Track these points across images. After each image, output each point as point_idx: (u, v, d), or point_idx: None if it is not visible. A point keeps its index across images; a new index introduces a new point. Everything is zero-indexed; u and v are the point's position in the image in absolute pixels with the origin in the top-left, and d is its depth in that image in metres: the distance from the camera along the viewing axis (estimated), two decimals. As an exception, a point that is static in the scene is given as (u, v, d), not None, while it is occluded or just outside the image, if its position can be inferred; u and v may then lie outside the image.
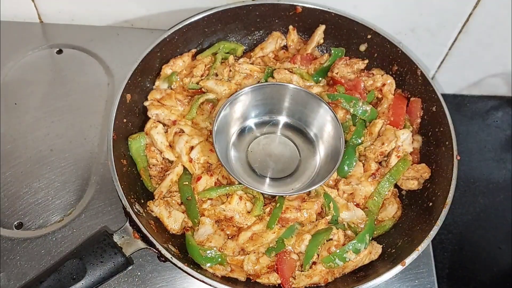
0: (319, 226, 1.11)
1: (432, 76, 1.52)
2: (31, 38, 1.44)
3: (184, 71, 1.29)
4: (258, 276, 1.07)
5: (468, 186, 1.43)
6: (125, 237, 1.02)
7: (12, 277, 1.08)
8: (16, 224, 1.15)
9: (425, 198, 1.15)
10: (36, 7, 1.44)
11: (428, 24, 1.36)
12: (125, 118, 1.17)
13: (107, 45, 1.44)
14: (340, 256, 1.07)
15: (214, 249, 1.06)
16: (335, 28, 1.34)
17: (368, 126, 1.24)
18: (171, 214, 1.10)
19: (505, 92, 1.57)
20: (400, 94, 1.29)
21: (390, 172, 1.17)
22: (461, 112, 1.56)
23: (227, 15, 1.30)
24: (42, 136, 1.28)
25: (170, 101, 1.23)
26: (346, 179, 1.18)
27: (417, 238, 1.06)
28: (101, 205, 1.19)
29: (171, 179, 1.14)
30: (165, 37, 1.24)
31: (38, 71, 1.38)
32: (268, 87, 1.21)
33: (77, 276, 0.96)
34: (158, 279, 1.11)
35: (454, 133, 1.16)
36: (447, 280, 1.30)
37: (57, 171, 1.23)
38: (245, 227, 1.11)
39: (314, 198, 1.15)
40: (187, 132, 1.19)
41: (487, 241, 1.36)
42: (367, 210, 1.15)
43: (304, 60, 1.31)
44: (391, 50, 1.29)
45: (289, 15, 1.33)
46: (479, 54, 1.43)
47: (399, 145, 1.19)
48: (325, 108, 1.19)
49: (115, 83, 1.37)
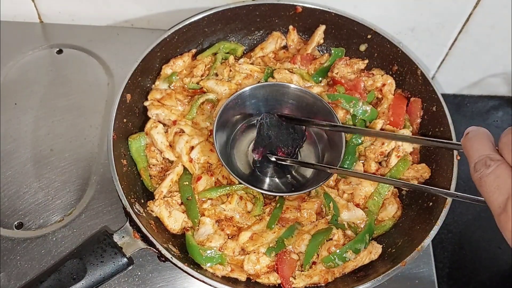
0: (319, 226, 1.11)
1: (432, 76, 1.52)
2: (31, 38, 1.44)
3: (184, 71, 1.29)
4: (258, 276, 1.07)
5: (468, 186, 1.43)
6: (125, 237, 1.02)
7: (12, 277, 1.08)
8: (16, 224, 1.15)
9: (425, 198, 1.15)
10: (36, 7, 1.44)
11: (428, 24, 1.36)
12: (125, 118, 1.17)
13: (107, 45, 1.44)
14: (340, 256, 1.07)
15: (214, 249, 1.06)
16: (335, 28, 1.34)
17: (368, 126, 1.24)
18: (171, 214, 1.10)
19: (505, 92, 1.57)
20: (400, 94, 1.29)
21: (390, 172, 1.17)
22: (461, 112, 1.56)
23: (227, 15, 1.30)
24: (42, 136, 1.28)
25: (170, 101, 1.23)
26: (346, 179, 1.18)
27: (417, 238, 1.06)
28: (101, 205, 1.19)
29: (171, 179, 1.14)
30: (165, 37, 1.24)
31: (38, 71, 1.38)
32: (268, 87, 1.21)
33: (77, 276, 0.96)
34: (158, 279, 1.11)
35: (454, 133, 1.16)
36: (447, 280, 1.30)
37: (57, 171, 1.23)
38: (245, 227, 1.11)
39: (314, 198, 1.15)
40: (187, 132, 1.19)
41: (487, 241, 1.36)
42: (367, 210, 1.15)
43: (304, 60, 1.31)
44: (391, 50, 1.29)
45: (289, 15, 1.33)
46: (479, 54, 1.43)
47: (399, 145, 1.19)
48: (326, 108, 1.19)
49: (115, 83, 1.37)
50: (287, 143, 1.17)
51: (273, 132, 1.17)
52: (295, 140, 1.18)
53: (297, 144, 1.18)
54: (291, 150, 1.17)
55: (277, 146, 1.16)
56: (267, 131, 1.16)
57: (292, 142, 1.18)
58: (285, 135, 1.18)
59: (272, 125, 1.17)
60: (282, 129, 1.18)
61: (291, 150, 1.17)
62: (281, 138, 1.17)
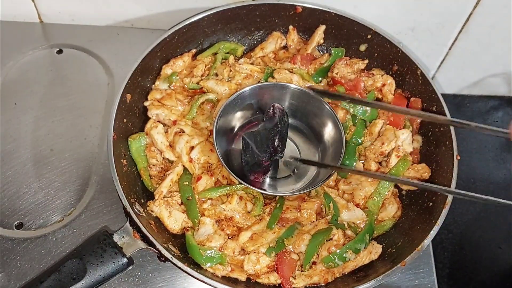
0: (319, 226, 1.11)
1: (432, 76, 1.52)
2: (31, 38, 1.44)
3: (184, 71, 1.29)
4: (258, 276, 1.07)
5: (468, 186, 1.43)
6: (125, 237, 1.02)
7: (12, 277, 1.08)
8: (16, 224, 1.15)
9: (425, 198, 1.15)
10: (36, 7, 1.44)
11: (428, 24, 1.36)
12: (125, 118, 1.17)
13: (107, 45, 1.44)
14: (340, 256, 1.07)
15: (214, 249, 1.06)
16: (335, 28, 1.34)
17: (368, 126, 1.24)
18: (172, 214, 1.10)
19: (505, 92, 1.57)
20: (400, 94, 1.29)
21: (390, 172, 1.17)
22: (461, 112, 1.56)
23: (227, 15, 1.30)
24: (42, 136, 1.28)
25: (170, 101, 1.23)
26: (346, 179, 1.18)
27: (417, 238, 1.06)
28: (101, 205, 1.19)
29: (171, 179, 1.14)
30: (165, 37, 1.24)
31: (38, 71, 1.38)
32: (268, 87, 1.21)
33: (77, 276, 0.96)
34: (158, 279, 1.11)
35: (454, 133, 1.16)
36: (447, 280, 1.30)
37: (57, 171, 1.23)
38: (245, 227, 1.11)
39: (314, 198, 1.15)
40: (188, 132, 1.19)
41: (487, 241, 1.36)
42: (367, 210, 1.15)
43: (304, 60, 1.31)
44: (391, 50, 1.29)
45: (289, 15, 1.33)
46: (479, 54, 1.43)
47: (399, 145, 1.19)
48: (326, 108, 1.19)
49: (115, 83, 1.37)
50: (263, 148, 1.09)
51: (248, 154, 1.10)
52: (271, 133, 1.10)
53: (273, 135, 1.10)
54: (272, 151, 1.10)
55: (259, 160, 1.09)
56: (244, 157, 1.11)
57: (266, 143, 1.09)
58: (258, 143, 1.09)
59: (245, 144, 1.11)
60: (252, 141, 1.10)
61: (271, 151, 1.09)
62: (254, 153, 1.09)
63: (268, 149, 1.10)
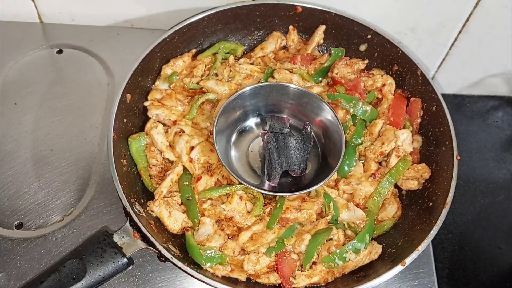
0: (319, 226, 1.11)
1: (432, 76, 1.52)
2: (31, 38, 1.44)
3: (184, 71, 1.29)
4: (258, 276, 1.07)
5: (468, 186, 1.43)
6: (125, 237, 1.02)
7: (12, 277, 1.08)
8: (16, 224, 1.15)
9: (425, 198, 1.16)
10: (36, 7, 1.44)
11: (428, 24, 1.36)
12: (125, 118, 1.17)
13: (107, 45, 1.44)
14: (340, 256, 1.07)
15: (214, 249, 1.06)
16: (335, 28, 1.34)
17: (368, 126, 1.24)
18: (171, 214, 1.10)
19: (505, 92, 1.57)
20: (400, 94, 1.29)
21: (390, 172, 1.17)
22: (461, 112, 1.56)
23: (227, 15, 1.30)
24: (42, 136, 1.28)
25: (171, 101, 1.23)
26: (346, 179, 1.18)
27: (417, 238, 1.06)
28: (101, 205, 1.19)
29: (171, 179, 1.14)
30: (165, 37, 1.24)
31: (38, 71, 1.38)
32: (268, 87, 1.21)
33: (77, 276, 0.96)
34: (158, 279, 1.11)
35: (454, 133, 1.16)
36: (447, 280, 1.30)
37: (57, 171, 1.23)
38: (245, 227, 1.11)
39: (314, 198, 1.15)
40: (188, 132, 1.19)
41: (487, 241, 1.36)
42: (367, 210, 1.15)
43: (304, 60, 1.31)
44: (391, 50, 1.29)
45: (289, 15, 1.33)
46: (479, 54, 1.43)
47: (399, 145, 1.19)
48: (326, 108, 1.19)
49: (115, 83, 1.37)
50: (299, 161, 1.14)
51: (283, 157, 1.13)
52: (306, 150, 1.16)
53: (307, 153, 1.16)
54: (304, 167, 1.15)
55: (290, 171, 1.14)
56: (278, 158, 1.13)
57: (302, 158, 1.15)
58: (294, 154, 1.15)
59: (280, 147, 1.14)
60: (290, 148, 1.15)
61: (303, 167, 1.15)
62: (292, 160, 1.14)
63: (302, 164, 1.15)
